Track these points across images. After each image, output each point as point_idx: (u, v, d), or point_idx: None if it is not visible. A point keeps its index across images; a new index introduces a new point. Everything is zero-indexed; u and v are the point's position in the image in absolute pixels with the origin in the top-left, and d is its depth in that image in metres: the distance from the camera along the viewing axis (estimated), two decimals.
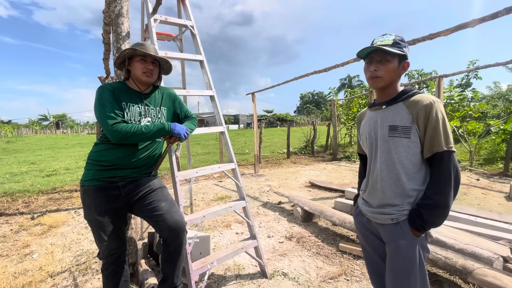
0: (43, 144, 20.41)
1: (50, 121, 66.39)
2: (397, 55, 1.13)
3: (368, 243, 1.33)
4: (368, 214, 1.26)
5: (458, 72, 5.32)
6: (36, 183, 6.26)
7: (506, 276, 1.73)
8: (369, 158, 1.27)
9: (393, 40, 1.13)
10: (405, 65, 1.16)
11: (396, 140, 1.13)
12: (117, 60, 1.64)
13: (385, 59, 1.14)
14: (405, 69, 1.17)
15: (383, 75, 1.15)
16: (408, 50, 1.16)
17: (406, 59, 1.16)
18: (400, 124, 1.13)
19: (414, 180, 1.14)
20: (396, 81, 1.19)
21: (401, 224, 1.13)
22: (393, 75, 1.16)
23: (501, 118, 9.25)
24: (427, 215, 1.08)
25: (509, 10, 2.47)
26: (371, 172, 1.25)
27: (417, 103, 1.11)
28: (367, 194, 1.28)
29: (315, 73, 5.21)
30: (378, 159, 1.20)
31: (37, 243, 3.09)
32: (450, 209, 1.09)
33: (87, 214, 1.54)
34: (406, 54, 1.14)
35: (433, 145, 1.09)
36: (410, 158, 1.13)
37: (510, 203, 4.03)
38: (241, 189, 2.27)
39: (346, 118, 11.92)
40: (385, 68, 1.15)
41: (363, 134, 1.32)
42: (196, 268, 1.88)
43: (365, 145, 1.30)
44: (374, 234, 1.29)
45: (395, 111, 1.16)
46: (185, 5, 2.43)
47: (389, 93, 1.21)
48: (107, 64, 4.35)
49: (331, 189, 5.05)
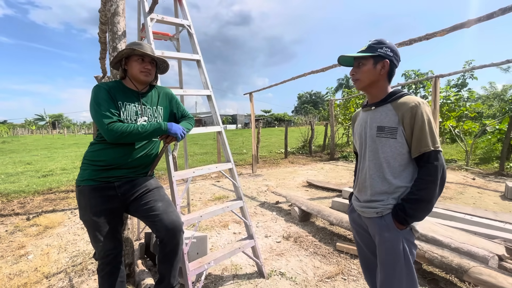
0: (39, 144, 20.24)
1: (46, 121, 65.87)
2: (370, 57, 1.21)
3: (361, 239, 1.41)
4: (358, 209, 1.34)
5: (454, 72, 5.35)
6: (32, 183, 6.21)
7: (501, 275, 1.74)
8: (360, 156, 1.35)
9: (368, 46, 1.23)
10: (384, 64, 1.21)
11: (383, 140, 1.19)
12: (114, 59, 1.63)
13: (360, 63, 1.24)
14: (385, 67, 1.21)
15: (359, 77, 1.25)
16: (388, 50, 1.20)
17: (382, 59, 1.20)
18: (387, 125, 1.18)
19: (399, 178, 1.19)
20: (379, 82, 1.24)
21: (385, 218, 1.19)
22: (369, 75, 1.23)
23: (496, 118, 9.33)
24: (409, 208, 1.13)
25: (504, 11, 2.49)
26: (361, 170, 1.32)
27: (403, 105, 1.16)
28: (357, 190, 1.36)
29: (312, 73, 5.22)
30: (367, 157, 1.27)
31: (32, 244, 3.06)
32: (433, 205, 1.14)
33: (83, 214, 1.52)
34: (380, 54, 1.19)
35: (420, 145, 1.13)
36: (396, 157, 1.18)
37: (505, 202, 4.06)
38: (238, 189, 2.27)
39: (344, 118, 11.95)
40: (360, 70, 1.24)
41: (355, 133, 1.39)
42: (193, 268, 1.87)
43: (357, 144, 1.37)
44: (365, 229, 1.36)
45: (383, 112, 1.21)
46: (182, 4, 2.42)
47: (377, 94, 1.27)
48: (104, 64, 4.31)
49: (328, 188, 5.06)
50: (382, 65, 1.21)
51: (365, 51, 1.23)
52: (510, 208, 3.78)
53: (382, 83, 1.25)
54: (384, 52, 1.20)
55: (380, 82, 1.24)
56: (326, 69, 4.87)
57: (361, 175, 1.32)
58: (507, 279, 1.70)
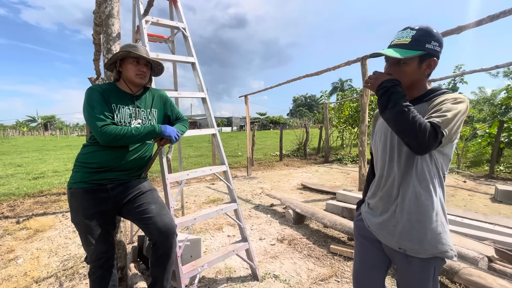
0: (31, 146, 19.88)
1: (38, 122, 64.79)
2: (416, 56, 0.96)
3: (365, 252, 1.22)
4: (372, 228, 1.13)
5: (446, 76, 5.48)
6: (22, 186, 6.09)
7: (490, 276, 1.77)
8: (382, 160, 1.11)
9: (412, 37, 0.96)
10: (431, 63, 0.98)
11: None
12: (108, 61, 1.62)
13: (401, 61, 0.99)
14: (432, 67, 0.99)
15: (399, 77, 0.99)
16: (436, 44, 0.96)
17: (430, 56, 0.97)
18: None
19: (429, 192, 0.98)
20: (421, 81, 1.03)
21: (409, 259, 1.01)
22: (412, 77, 1.00)
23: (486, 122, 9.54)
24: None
25: (492, 18, 2.56)
26: (385, 176, 1.09)
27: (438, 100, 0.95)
28: (378, 199, 1.13)
29: (307, 76, 5.27)
30: (396, 163, 1.05)
31: (22, 248, 3.00)
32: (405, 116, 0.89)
33: (74, 217, 1.50)
34: (428, 52, 0.95)
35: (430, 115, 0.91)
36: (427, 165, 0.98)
37: (495, 204, 4.14)
38: (233, 191, 2.27)
39: (338, 121, 12.05)
40: (401, 71, 1.00)
41: (377, 133, 1.17)
42: (187, 271, 1.86)
43: (378, 145, 1.15)
44: (373, 243, 1.17)
45: (419, 112, 0.96)
46: (177, 7, 2.43)
47: (413, 92, 1.05)
48: (98, 65, 4.29)
49: (322, 191, 5.09)
50: (428, 64, 0.98)
51: (409, 45, 0.96)
52: (500, 210, 3.85)
53: (423, 82, 1.04)
54: (433, 47, 0.95)
55: (422, 81, 1.03)
56: (320, 73, 4.92)
57: (384, 182, 1.09)
58: (496, 280, 1.73)
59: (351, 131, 11.88)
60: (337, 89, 53.38)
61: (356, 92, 13.20)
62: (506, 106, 8.47)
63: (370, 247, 1.19)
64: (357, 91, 13.05)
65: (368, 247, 1.20)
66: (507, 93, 8.36)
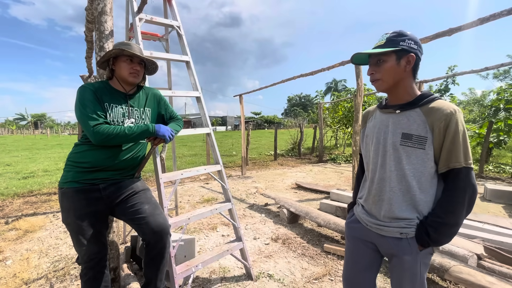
0: (20, 144, 19.44)
1: (28, 120, 63.42)
2: (392, 52, 1.04)
3: (358, 253, 1.25)
4: (371, 226, 1.16)
5: (437, 78, 5.57)
6: (11, 185, 5.95)
7: (479, 273, 1.81)
8: (373, 164, 1.15)
9: (387, 39, 1.06)
10: (409, 58, 1.04)
11: (409, 150, 1.04)
12: (101, 59, 1.60)
13: (379, 60, 1.07)
14: (411, 63, 1.05)
15: (381, 77, 1.08)
16: (411, 42, 1.04)
17: (407, 52, 1.04)
18: (415, 133, 1.02)
19: (425, 194, 1.05)
20: (404, 80, 1.08)
21: (409, 240, 1.05)
22: (393, 74, 1.06)
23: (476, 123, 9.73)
24: (434, 233, 1.00)
25: (483, 21, 2.62)
26: (377, 180, 1.13)
27: (436, 111, 1.00)
28: (370, 203, 1.17)
29: (301, 76, 5.29)
30: (387, 167, 1.09)
31: (11, 249, 2.93)
32: (459, 228, 1.02)
33: (66, 217, 1.48)
34: (403, 48, 1.03)
35: (450, 159, 0.99)
36: (422, 170, 1.04)
37: (484, 203, 4.24)
38: (227, 191, 2.26)
39: (332, 121, 12.14)
40: (381, 69, 1.08)
41: (368, 135, 1.20)
42: (180, 271, 1.85)
43: (369, 148, 1.18)
44: (367, 244, 1.21)
45: (411, 117, 1.05)
46: (171, 5, 2.41)
47: (402, 95, 1.10)
48: (90, 63, 4.21)
49: (317, 190, 5.12)
50: (407, 60, 1.04)
51: (384, 45, 1.05)
52: (489, 209, 3.94)
53: (408, 81, 1.08)
54: (408, 45, 1.03)
55: (406, 80, 1.07)
56: (315, 73, 4.95)
57: (376, 186, 1.13)
58: (485, 277, 1.77)
59: (345, 131, 11.98)
60: (331, 89, 53.74)
61: (350, 93, 13.31)
62: (496, 107, 8.67)
63: (363, 248, 1.21)
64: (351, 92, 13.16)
65: (362, 248, 1.22)
66: (497, 95, 8.55)
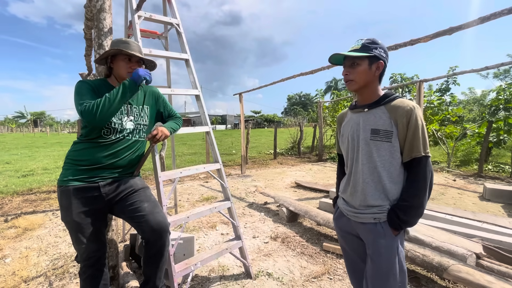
0: (19, 143, 19.42)
1: (27, 118, 63.29)
2: (366, 57, 1.17)
3: (348, 244, 1.37)
4: (350, 214, 1.29)
5: (437, 77, 5.55)
6: (10, 183, 5.95)
7: (478, 272, 1.82)
8: (350, 159, 1.29)
9: (362, 44, 1.18)
10: (379, 65, 1.18)
11: (378, 144, 1.17)
12: (99, 57, 1.59)
13: (354, 63, 1.19)
14: (380, 69, 1.19)
15: (354, 78, 1.20)
16: (382, 51, 1.18)
17: (377, 59, 1.18)
18: (382, 128, 1.16)
19: (394, 182, 1.18)
20: (373, 83, 1.22)
21: (382, 224, 1.18)
22: (364, 77, 1.19)
23: (476, 122, 9.74)
24: (403, 215, 1.13)
25: (483, 20, 2.61)
26: (353, 173, 1.27)
27: (397, 108, 1.15)
28: (348, 194, 1.31)
29: (301, 75, 5.27)
30: (360, 161, 1.22)
31: (10, 247, 2.93)
32: (424, 209, 1.16)
33: (65, 215, 1.47)
34: (375, 55, 1.16)
35: (411, 150, 1.14)
36: (391, 161, 1.17)
37: (483, 203, 4.24)
38: (226, 189, 2.26)
39: (332, 120, 12.13)
40: (355, 71, 1.19)
41: (344, 134, 1.34)
42: (179, 269, 1.85)
43: (346, 146, 1.32)
44: (353, 234, 1.33)
45: (377, 114, 1.19)
46: (170, 2, 2.40)
47: (369, 96, 1.24)
48: (89, 61, 4.20)
49: (316, 189, 5.12)
50: (377, 66, 1.18)
51: (360, 50, 1.18)
52: (488, 208, 3.95)
53: (375, 84, 1.23)
54: (379, 53, 1.17)
55: (374, 83, 1.22)
56: (315, 71, 4.93)
57: (353, 179, 1.27)
58: (483, 276, 1.77)
59: None
60: (331, 88, 53.65)
61: (350, 92, 13.28)
62: (496, 107, 8.66)
63: (356, 240, 1.33)
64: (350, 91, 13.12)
65: (355, 241, 1.33)
66: (497, 94, 8.54)
